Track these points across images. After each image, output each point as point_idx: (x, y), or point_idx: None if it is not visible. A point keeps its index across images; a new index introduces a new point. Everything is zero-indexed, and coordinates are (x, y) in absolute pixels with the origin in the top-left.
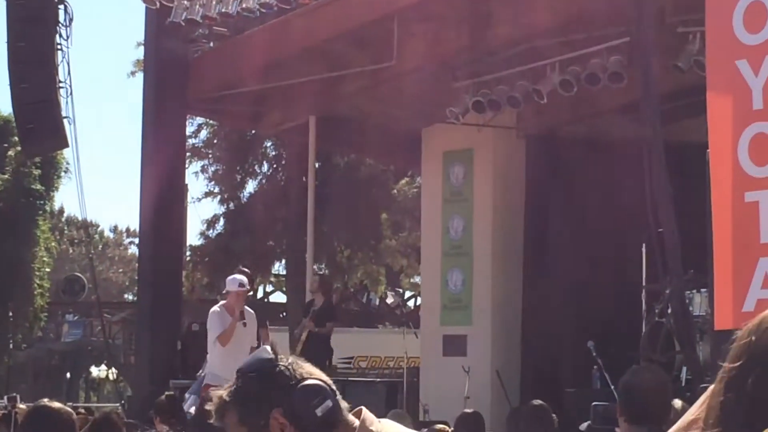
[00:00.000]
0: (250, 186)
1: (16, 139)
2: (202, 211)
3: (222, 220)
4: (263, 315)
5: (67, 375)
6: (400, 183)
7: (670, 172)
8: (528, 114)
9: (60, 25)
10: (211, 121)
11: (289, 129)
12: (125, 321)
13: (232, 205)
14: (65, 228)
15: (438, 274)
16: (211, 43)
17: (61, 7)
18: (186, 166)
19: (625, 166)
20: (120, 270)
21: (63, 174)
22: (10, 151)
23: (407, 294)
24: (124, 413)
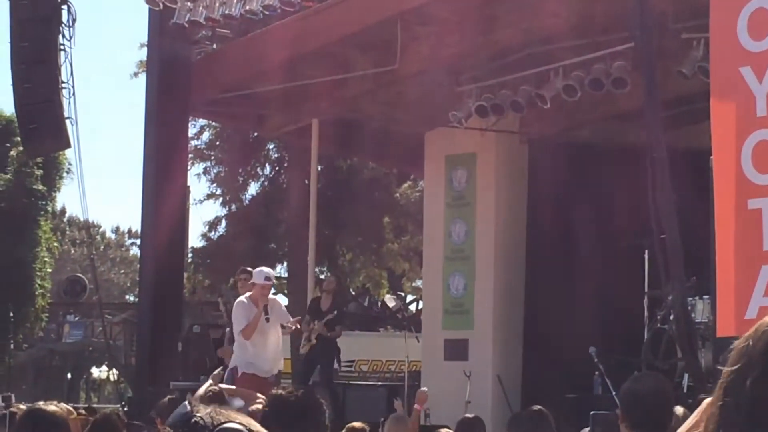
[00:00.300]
0: (252, 188)
1: (18, 139)
2: (203, 213)
3: (224, 222)
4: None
5: (68, 375)
6: (402, 186)
7: (673, 179)
8: (531, 119)
9: (63, 25)
10: (213, 123)
11: (291, 132)
12: (126, 322)
13: (234, 207)
14: (67, 228)
15: (440, 278)
16: (215, 45)
17: (64, 7)
18: (188, 167)
19: (628, 171)
20: (121, 271)
21: (65, 174)
22: (12, 151)
23: (409, 298)
24: (125, 414)
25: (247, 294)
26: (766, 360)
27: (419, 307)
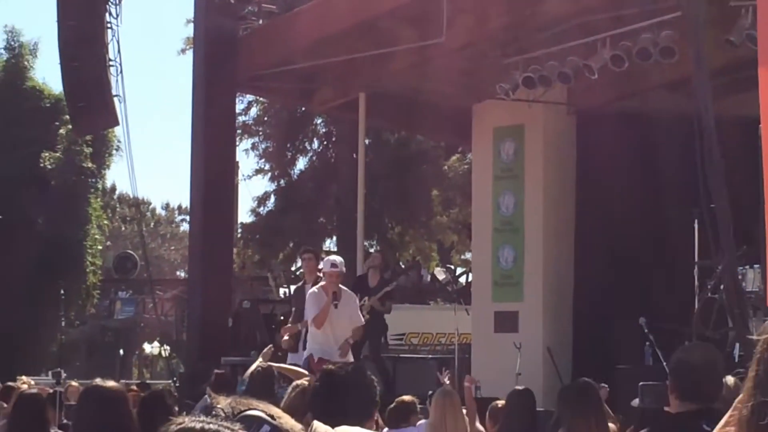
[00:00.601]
0: (301, 163)
1: (68, 117)
2: (252, 188)
3: (273, 198)
4: None
5: (120, 352)
6: (450, 159)
7: (722, 148)
8: (579, 90)
9: (110, 3)
10: (261, 99)
11: (339, 106)
12: (177, 298)
13: (282, 182)
14: (117, 206)
15: (489, 251)
16: (261, 21)
17: None
18: (236, 143)
19: (676, 141)
20: (172, 247)
21: (114, 152)
22: (61, 130)
23: (458, 270)
24: (177, 390)
25: (321, 284)
26: None
27: (469, 280)
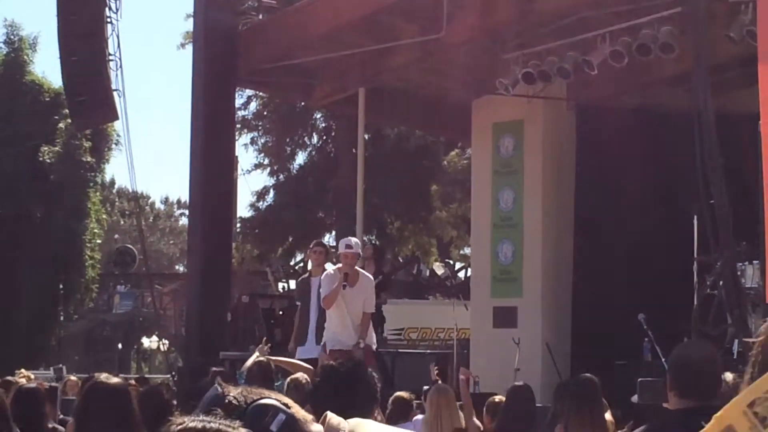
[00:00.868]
0: (300, 158)
1: (67, 111)
2: (252, 182)
3: (272, 192)
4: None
5: (119, 346)
6: (450, 154)
7: (722, 144)
8: (578, 85)
9: None
10: (260, 94)
11: (338, 101)
12: (176, 292)
13: (282, 176)
14: (116, 200)
15: (488, 246)
16: (260, 16)
17: None
18: (236, 138)
19: (675, 137)
20: (171, 241)
21: (113, 146)
22: (60, 124)
23: (457, 265)
24: (175, 384)
25: (338, 265)
26: None
27: (468, 275)
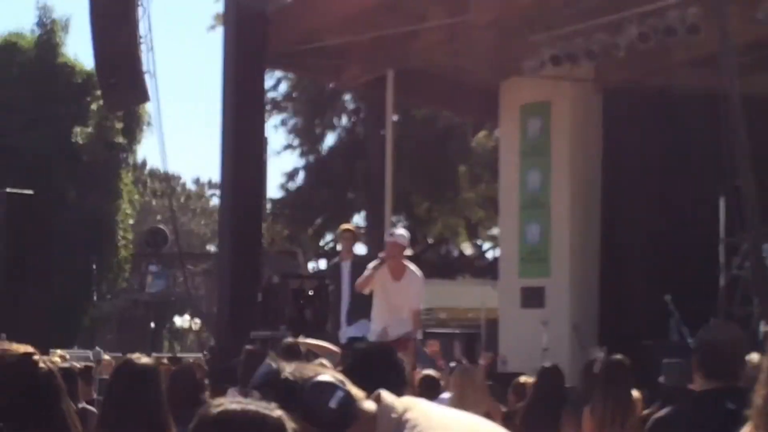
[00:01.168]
0: (330, 139)
1: (99, 93)
2: (282, 163)
3: (301, 173)
4: None
5: (152, 325)
6: (477, 136)
7: (748, 125)
8: (605, 67)
9: None
10: (290, 75)
11: (367, 83)
12: (207, 272)
13: (311, 158)
14: (148, 180)
15: (516, 227)
16: None
17: None
18: (266, 119)
19: (702, 118)
20: (202, 222)
21: (145, 127)
22: (92, 105)
23: (485, 246)
24: (207, 363)
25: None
26: None
27: (496, 255)
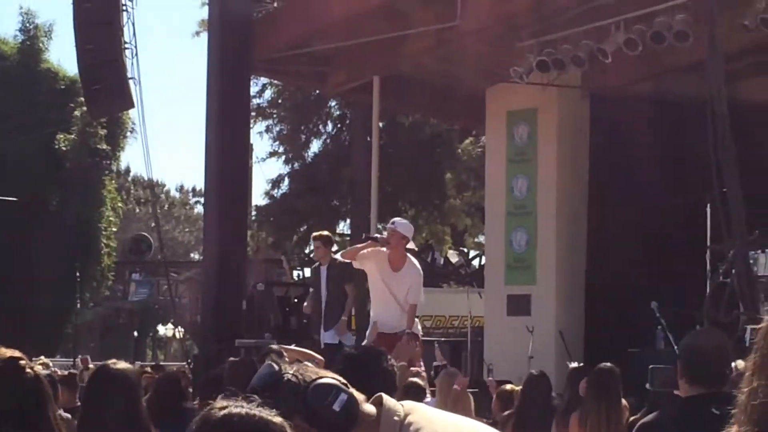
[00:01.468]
0: (315, 146)
1: (83, 99)
2: (266, 170)
3: (287, 180)
4: None
5: (135, 333)
6: (464, 142)
7: (735, 132)
8: (592, 73)
9: None
10: (275, 82)
11: (353, 89)
12: (191, 280)
13: (296, 164)
14: (131, 188)
15: (502, 234)
16: (275, 3)
17: None
18: (251, 125)
19: (689, 125)
20: (186, 229)
21: (129, 134)
22: (76, 112)
23: (471, 253)
24: (191, 371)
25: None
26: None
27: (482, 263)
